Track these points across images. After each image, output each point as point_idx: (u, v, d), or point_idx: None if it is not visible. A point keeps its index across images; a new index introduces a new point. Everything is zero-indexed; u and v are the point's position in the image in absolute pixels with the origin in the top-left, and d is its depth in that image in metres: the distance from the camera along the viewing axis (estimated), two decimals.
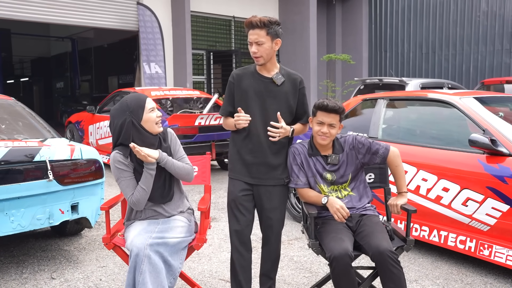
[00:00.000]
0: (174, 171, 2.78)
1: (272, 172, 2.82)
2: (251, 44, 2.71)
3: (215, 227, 4.77)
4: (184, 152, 2.93)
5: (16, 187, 3.34)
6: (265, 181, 2.81)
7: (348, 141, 2.85)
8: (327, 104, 2.72)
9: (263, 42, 2.68)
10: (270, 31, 2.69)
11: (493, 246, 3.41)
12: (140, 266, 2.49)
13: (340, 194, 2.82)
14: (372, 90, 8.63)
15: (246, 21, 2.71)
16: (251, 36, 2.69)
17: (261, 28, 2.67)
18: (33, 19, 9.92)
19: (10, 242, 4.27)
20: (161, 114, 2.78)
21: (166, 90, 8.01)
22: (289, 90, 2.81)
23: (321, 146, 2.82)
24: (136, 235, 2.61)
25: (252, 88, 2.78)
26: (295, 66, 13.23)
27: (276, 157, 2.82)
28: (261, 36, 2.67)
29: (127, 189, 2.73)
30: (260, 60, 2.73)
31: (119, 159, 2.72)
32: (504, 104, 4.41)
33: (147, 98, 2.77)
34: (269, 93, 2.77)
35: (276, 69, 2.82)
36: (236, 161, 2.86)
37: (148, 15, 10.94)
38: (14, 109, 4.38)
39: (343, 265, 2.42)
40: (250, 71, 2.83)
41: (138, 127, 2.70)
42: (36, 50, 21.01)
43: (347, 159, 2.83)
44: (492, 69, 12.03)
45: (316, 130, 2.77)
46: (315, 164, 2.82)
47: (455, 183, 3.63)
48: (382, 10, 14.10)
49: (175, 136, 2.95)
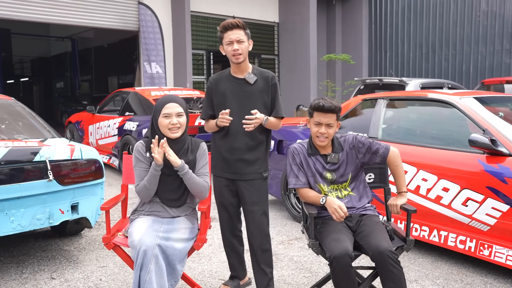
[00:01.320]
0: (190, 185, 2.78)
1: (249, 167, 3.00)
2: (232, 43, 2.90)
3: (215, 227, 4.77)
4: (207, 170, 2.91)
5: (16, 187, 3.34)
6: (244, 176, 3.00)
7: (348, 140, 2.86)
8: (323, 105, 2.72)
9: (244, 40, 2.91)
10: (247, 32, 2.95)
11: (493, 246, 3.41)
12: (147, 265, 2.50)
13: (340, 193, 2.82)
14: (372, 90, 8.63)
15: (225, 22, 2.91)
16: (233, 36, 2.89)
17: (241, 29, 2.91)
18: (33, 19, 9.91)
19: (10, 242, 4.27)
20: (176, 122, 2.75)
21: (166, 90, 8.02)
22: (262, 88, 3.01)
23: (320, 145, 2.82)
24: (144, 232, 2.61)
25: (229, 90, 3.00)
26: (295, 66, 13.24)
27: (253, 153, 3.00)
28: (241, 35, 2.90)
29: (137, 178, 2.84)
30: (240, 58, 2.92)
31: (139, 149, 2.84)
32: (504, 104, 4.41)
33: (170, 104, 2.76)
34: (244, 93, 2.98)
35: (249, 69, 3.02)
36: (217, 159, 3.08)
37: (149, 15, 10.94)
38: (14, 109, 4.38)
39: (343, 265, 2.42)
40: (226, 75, 3.06)
41: (154, 127, 2.81)
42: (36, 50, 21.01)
43: (347, 158, 2.83)
44: (492, 69, 12.03)
45: (314, 132, 2.77)
46: (314, 163, 2.82)
47: (455, 183, 3.63)
48: (382, 10, 14.10)
49: (206, 152, 2.92)
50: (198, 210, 2.86)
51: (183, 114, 2.79)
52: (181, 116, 2.78)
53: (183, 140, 2.83)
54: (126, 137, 7.32)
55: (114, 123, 7.81)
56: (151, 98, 7.50)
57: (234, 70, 3.03)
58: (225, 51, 2.97)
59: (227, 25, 2.89)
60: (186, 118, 2.82)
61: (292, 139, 5.10)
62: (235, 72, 3.03)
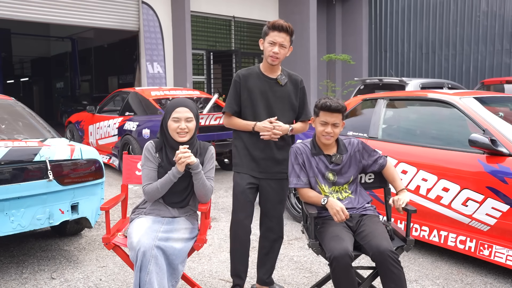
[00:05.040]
0: (199, 186, 2.77)
1: (277, 166, 3.03)
2: (274, 45, 2.87)
3: (215, 227, 4.77)
4: (213, 175, 2.90)
5: (16, 187, 3.34)
6: (272, 175, 3.02)
7: (354, 143, 2.89)
8: (330, 105, 2.73)
9: (286, 46, 2.90)
10: (292, 39, 2.93)
11: (493, 246, 3.41)
12: (147, 266, 2.50)
13: (341, 195, 2.83)
14: (372, 90, 8.63)
15: (277, 22, 2.85)
16: (278, 38, 2.85)
17: (288, 34, 2.88)
18: (33, 19, 9.92)
19: (10, 242, 4.27)
20: (185, 127, 2.74)
21: (166, 90, 8.01)
22: (291, 90, 3.03)
23: (325, 145, 2.84)
24: (143, 233, 2.61)
25: (258, 88, 2.96)
26: (295, 66, 13.23)
27: (281, 152, 3.03)
28: (286, 40, 2.88)
29: (145, 177, 2.82)
30: (276, 61, 2.91)
31: (149, 149, 2.84)
32: (504, 104, 4.41)
33: (180, 108, 2.75)
34: (273, 93, 2.98)
35: (279, 70, 3.01)
36: (244, 156, 3.03)
37: (151, 15, 10.96)
38: (14, 109, 4.38)
39: (343, 265, 2.42)
40: (255, 72, 3.01)
41: (163, 128, 2.82)
42: (36, 50, 21.02)
43: (350, 160, 2.85)
44: (492, 69, 12.03)
45: (320, 131, 2.78)
46: (317, 163, 2.83)
47: (455, 183, 3.63)
48: (382, 10, 14.11)
49: (213, 157, 2.91)
50: (198, 210, 2.87)
51: (193, 119, 2.79)
52: (190, 121, 2.77)
53: (191, 144, 2.83)
54: (126, 137, 7.32)
55: (114, 123, 7.81)
56: (151, 98, 7.50)
57: (266, 68, 3.00)
58: (264, 48, 2.93)
59: (278, 26, 2.85)
60: (195, 122, 2.82)
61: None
62: (266, 71, 3.00)
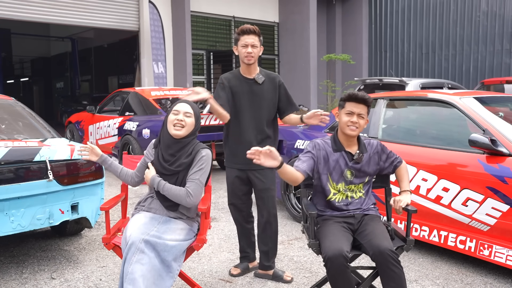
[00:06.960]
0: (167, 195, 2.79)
1: None
2: (247, 46, 3.24)
3: (215, 227, 4.77)
4: (198, 177, 2.80)
5: (16, 187, 3.34)
6: (254, 166, 3.22)
7: (373, 145, 2.87)
8: (357, 94, 2.74)
9: (257, 46, 3.27)
10: (260, 38, 3.32)
11: (493, 246, 3.41)
12: (130, 258, 2.51)
13: (355, 194, 2.83)
14: (372, 90, 8.63)
15: (245, 27, 3.24)
16: (249, 40, 3.24)
17: (256, 35, 3.26)
18: (33, 19, 9.91)
19: (10, 242, 4.27)
20: (182, 119, 2.78)
21: (166, 90, 8.01)
22: (269, 87, 3.36)
23: (346, 141, 2.80)
24: (136, 229, 2.63)
25: (240, 88, 3.32)
26: (295, 66, 13.24)
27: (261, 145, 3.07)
28: (256, 41, 3.26)
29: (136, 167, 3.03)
30: (252, 60, 3.26)
31: (151, 144, 2.99)
32: (504, 104, 4.41)
33: (182, 103, 2.86)
34: (253, 91, 3.33)
35: (257, 71, 3.36)
36: (229, 152, 3.42)
37: (156, 14, 10.96)
38: (14, 109, 4.38)
39: (338, 265, 2.41)
40: (236, 74, 3.37)
41: (164, 125, 2.89)
42: (36, 50, 21.03)
43: (369, 161, 2.84)
44: (492, 69, 12.03)
45: (345, 121, 2.74)
46: (338, 159, 2.79)
47: (455, 183, 3.63)
48: (382, 10, 14.11)
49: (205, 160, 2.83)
50: (198, 210, 2.86)
51: (192, 115, 2.81)
52: (188, 117, 2.80)
53: (185, 142, 2.82)
54: (126, 137, 7.32)
55: (114, 123, 7.81)
56: (151, 98, 7.49)
57: (244, 71, 3.34)
58: (239, 52, 3.29)
59: (245, 30, 3.23)
60: (194, 121, 2.83)
61: (292, 139, 5.10)
62: (245, 72, 3.35)
